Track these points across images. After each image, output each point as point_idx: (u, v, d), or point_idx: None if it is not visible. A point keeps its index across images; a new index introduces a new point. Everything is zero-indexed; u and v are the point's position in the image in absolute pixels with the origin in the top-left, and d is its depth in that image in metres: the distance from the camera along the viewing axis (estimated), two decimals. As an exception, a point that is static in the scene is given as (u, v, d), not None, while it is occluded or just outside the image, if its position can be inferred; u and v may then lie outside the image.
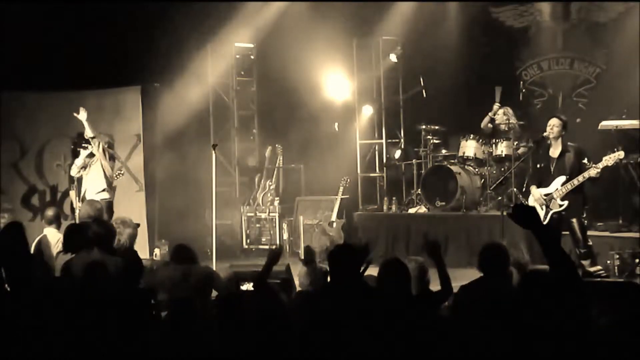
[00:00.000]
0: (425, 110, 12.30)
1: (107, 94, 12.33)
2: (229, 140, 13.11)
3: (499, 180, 9.95)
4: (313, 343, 4.57)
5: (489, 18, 12.41)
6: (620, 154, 8.77)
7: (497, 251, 5.70)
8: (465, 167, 11.41)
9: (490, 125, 11.38)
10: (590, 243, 9.13)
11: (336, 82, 12.86)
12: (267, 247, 12.29)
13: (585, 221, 9.34)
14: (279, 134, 12.91)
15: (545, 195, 9.04)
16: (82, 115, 9.99)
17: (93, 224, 6.98)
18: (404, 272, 5.19)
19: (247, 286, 6.33)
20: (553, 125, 9.06)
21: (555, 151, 9.07)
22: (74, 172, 10.25)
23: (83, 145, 10.13)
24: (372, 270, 5.36)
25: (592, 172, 8.73)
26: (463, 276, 6.23)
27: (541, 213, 9.13)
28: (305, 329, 4.74)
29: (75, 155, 10.41)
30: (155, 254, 11.47)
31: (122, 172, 10.82)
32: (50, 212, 8.66)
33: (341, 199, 11.76)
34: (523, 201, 10.54)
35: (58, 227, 8.36)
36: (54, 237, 8.04)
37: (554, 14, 12.28)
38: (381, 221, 11.77)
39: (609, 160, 8.71)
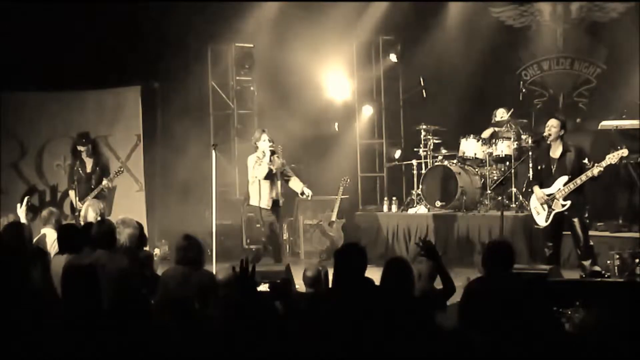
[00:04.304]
0: (425, 110, 12.29)
1: (107, 94, 12.34)
2: (229, 140, 13.10)
3: (499, 180, 9.94)
4: (317, 343, 4.57)
5: (489, 18, 12.41)
6: (624, 151, 8.74)
7: (502, 249, 5.70)
8: (465, 167, 11.41)
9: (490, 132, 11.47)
10: (592, 243, 9.14)
11: (336, 82, 12.86)
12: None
13: (588, 221, 9.35)
14: (279, 134, 12.90)
15: (548, 195, 9.05)
16: None
17: (95, 224, 6.97)
18: (408, 271, 5.21)
19: (263, 287, 6.29)
20: (551, 126, 9.07)
21: (556, 151, 9.06)
22: (265, 169, 9.73)
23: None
24: (373, 271, 5.36)
25: (595, 170, 8.71)
26: (463, 275, 6.26)
27: (543, 213, 9.15)
28: (307, 329, 4.74)
29: (75, 155, 10.40)
30: (156, 254, 11.44)
31: (121, 169, 10.75)
32: (45, 213, 8.67)
33: (341, 199, 11.75)
34: (523, 202, 10.56)
35: (54, 227, 8.35)
36: (51, 237, 8.05)
37: (554, 14, 12.29)
38: (381, 221, 11.76)
39: (612, 158, 8.69)
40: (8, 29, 11.28)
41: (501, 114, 11.32)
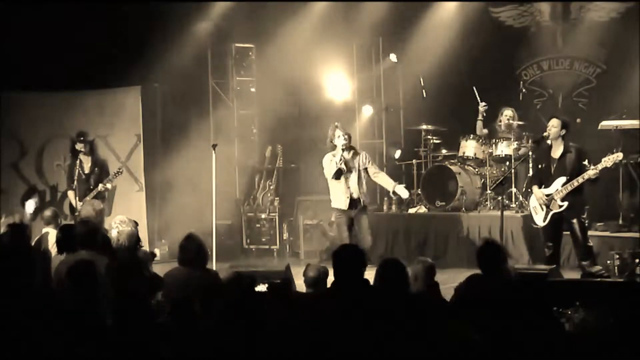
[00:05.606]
0: (425, 110, 12.28)
1: (107, 94, 12.35)
2: (229, 140, 13.10)
3: (499, 180, 9.94)
4: (316, 343, 4.57)
5: (489, 18, 12.41)
6: (619, 155, 8.78)
7: (494, 249, 5.75)
8: (465, 167, 11.41)
9: (485, 130, 11.45)
10: (591, 243, 9.15)
11: (336, 82, 12.85)
12: (267, 247, 12.31)
13: (586, 221, 9.35)
14: (279, 134, 12.90)
15: (546, 195, 9.06)
16: None
17: (78, 225, 6.98)
18: (402, 271, 5.21)
19: (262, 287, 6.28)
20: (551, 126, 9.10)
21: (556, 151, 9.08)
22: (334, 169, 9.20)
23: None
24: (373, 271, 5.36)
25: (591, 173, 8.76)
26: (463, 276, 6.26)
27: (541, 213, 9.16)
28: (307, 329, 4.74)
29: (74, 154, 10.37)
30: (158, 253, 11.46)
31: (120, 170, 10.73)
32: (48, 212, 8.68)
33: (341, 199, 11.72)
34: (523, 202, 10.56)
35: (56, 227, 8.36)
36: (53, 237, 8.05)
37: (554, 14, 12.28)
38: (381, 221, 11.75)
39: (607, 161, 8.73)
40: (8, 29, 11.28)
41: (510, 114, 11.29)
